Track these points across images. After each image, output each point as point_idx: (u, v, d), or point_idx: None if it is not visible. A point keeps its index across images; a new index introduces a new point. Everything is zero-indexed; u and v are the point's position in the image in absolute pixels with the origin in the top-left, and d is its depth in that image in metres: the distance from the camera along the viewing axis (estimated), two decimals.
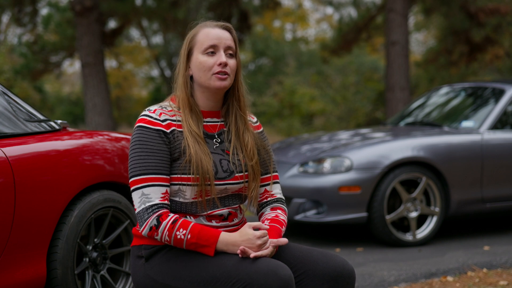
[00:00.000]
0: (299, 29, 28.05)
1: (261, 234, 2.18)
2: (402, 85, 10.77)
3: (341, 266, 2.27)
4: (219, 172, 2.31)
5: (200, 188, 2.27)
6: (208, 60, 2.31)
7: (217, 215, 2.33)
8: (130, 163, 2.27)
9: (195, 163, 2.26)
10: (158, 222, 2.22)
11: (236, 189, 2.36)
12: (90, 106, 11.29)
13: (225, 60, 2.31)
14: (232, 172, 2.34)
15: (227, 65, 2.32)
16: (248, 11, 13.75)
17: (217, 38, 2.33)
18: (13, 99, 3.39)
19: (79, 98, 21.41)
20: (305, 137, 6.75)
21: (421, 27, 21.32)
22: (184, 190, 2.28)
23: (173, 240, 2.22)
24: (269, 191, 2.47)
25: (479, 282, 4.21)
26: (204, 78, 2.32)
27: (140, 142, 2.27)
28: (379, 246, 5.49)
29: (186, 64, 2.36)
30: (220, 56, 2.31)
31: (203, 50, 2.32)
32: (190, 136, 2.29)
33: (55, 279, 3.18)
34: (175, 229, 2.21)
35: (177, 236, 2.21)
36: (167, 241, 2.24)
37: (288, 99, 19.89)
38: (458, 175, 5.58)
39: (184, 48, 2.37)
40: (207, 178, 2.27)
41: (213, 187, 2.29)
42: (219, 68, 2.31)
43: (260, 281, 2.09)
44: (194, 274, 2.21)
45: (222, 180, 2.31)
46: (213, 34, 2.33)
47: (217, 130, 2.39)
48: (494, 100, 6.07)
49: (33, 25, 14.95)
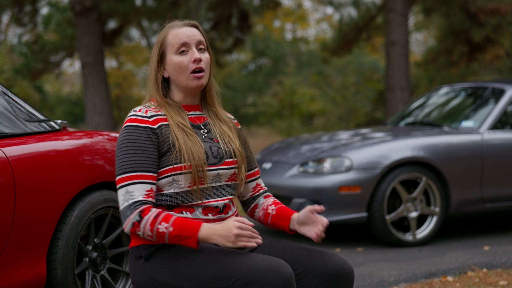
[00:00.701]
0: (299, 29, 28.05)
1: (240, 225, 2.17)
2: (402, 85, 10.77)
3: (340, 265, 2.28)
4: (209, 158, 2.34)
5: (193, 175, 2.29)
6: (183, 60, 2.37)
7: (212, 206, 2.34)
8: (117, 161, 2.29)
9: (186, 152, 2.29)
10: (140, 218, 2.22)
11: (228, 175, 2.38)
12: (90, 106, 11.29)
13: (199, 56, 2.36)
14: (222, 158, 2.37)
15: (201, 61, 2.37)
16: (248, 11, 13.74)
17: (186, 36, 2.38)
18: (13, 99, 3.39)
19: (79, 98, 21.40)
20: (305, 137, 6.75)
21: (421, 27, 21.32)
22: (178, 180, 2.30)
23: (155, 234, 2.21)
24: (259, 184, 2.57)
25: (479, 282, 4.21)
26: (182, 78, 2.38)
27: (127, 140, 2.29)
28: (379, 246, 5.49)
29: (158, 67, 2.41)
30: (194, 53, 2.37)
31: (175, 50, 2.38)
32: (177, 129, 2.32)
33: (55, 279, 3.18)
34: (157, 223, 2.21)
35: (159, 230, 2.21)
36: (149, 236, 2.23)
37: (288, 99, 19.87)
38: (458, 175, 5.58)
39: (155, 51, 2.43)
40: (199, 165, 2.29)
41: (205, 173, 2.31)
42: (195, 64, 2.36)
43: (261, 279, 2.09)
44: (195, 273, 2.21)
45: (213, 166, 2.34)
46: (182, 33, 2.39)
47: (202, 121, 2.44)
48: (494, 100, 6.07)
49: (33, 25, 14.95)
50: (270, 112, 20.10)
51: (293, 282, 2.13)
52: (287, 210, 2.45)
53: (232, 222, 2.19)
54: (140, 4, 13.80)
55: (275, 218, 2.45)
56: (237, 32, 13.70)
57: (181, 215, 2.31)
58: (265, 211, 2.49)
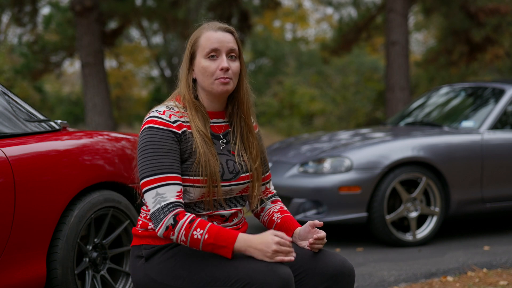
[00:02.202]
0: (299, 29, 28.04)
1: (279, 240, 2.14)
2: (402, 85, 10.77)
3: (341, 264, 2.27)
4: (225, 174, 2.31)
5: (207, 189, 2.27)
6: (210, 65, 2.31)
7: (218, 215, 2.33)
8: (142, 163, 2.23)
9: (204, 164, 2.25)
10: (175, 221, 2.18)
11: (240, 189, 2.37)
12: (90, 106, 11.28)
13: (226, 65, 2.30)
14: (237, 173, 2.35)
15: (229, 70, 2.31)
16: (248, 11, 13.74)
17: (219, 42, 2.32)
18: (13, 99, 3.39)
19: (79, 98, 21.39)
20: (305, 137, 6.75)
21: (421, 27, 21.32)
22: (190, 192, 2.28)
23: (190, 240, 2.17)
24: (269, 188, 2.54)
25: (479, 282, 4.21)
26: (207, 82, 2.32)
27: (152, 143, 2.23)
28: (379, 246, 5.49)
29: (189, 67, 2.37)
30: (222, 61, 2.31)
31: (205, 54, 2.32)
32: (198, 136, 2.28)
33: (55, 279, 3.18)
34: (192, 229, 2.17)
35: (194, 236, 2.17)
36: (183, 241, 2.19)
37: (288, 99, 19.87)
38: (458, 175, 5.58)
39: (187, 50, 2.37)
40: (214, 180, 2.27)
41: (220, 189, 2.28)
42: (221, 73, 2.30)
43: (260, 280, 2.09)
44: (193, 274, 2.20)
45: (228, 182, 2.32)
46: (215, 37, 2.33)
47: (222, 131, 2.39)
48: (494, 100, 6.07)
49: (33, 25, 14.94)
50: (270, 112, 20.10)
51: (292, 283, 2.13)
52: (292, 222, 2.43)
53: (271, 237, 2.15)
54: (140, 4, 13.80)
55: (278, 227, 2.44)
56: (238, 32, 13.68)
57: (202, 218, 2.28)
58: (270, 217, 2.48)
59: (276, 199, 2.55)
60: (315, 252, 2.31)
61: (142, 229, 2.35)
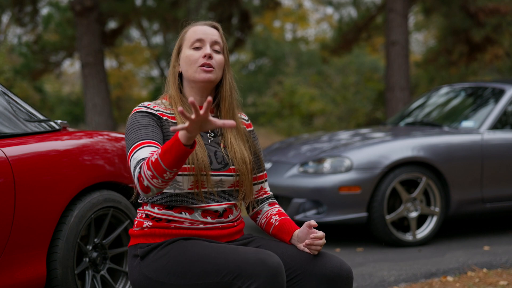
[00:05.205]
0: (299, 29, 28.05)
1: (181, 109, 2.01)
2: (402, 85, 10.77)
3: (339, 266, 2.27)
4: (213, 163, 2.34)
5: (195, 178, 2.29)
6: (194, 54, 2.39)
7: (212, 210, 2.34)
8: (126, 143, 2.30)
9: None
10: (140, 169, 2.18)
11: (231, 182, 2.37)
12: (90, 106, 11.29)
13: (209, 52, 2.37)
14: (226, 164, 2.36)
15: (211, 58, 2.38)
16: (249, 11, 13.74)
17: (203, 33, 2.41)
18: (13, 99, 3.39)
19: (79, 98, 21.40)
20: (305, 137, 6.75)
21: (421, 27, 21.32)
22: (179, 181, 2.29)
23: (153, 168, 2.12)
24: (264, 188, 2.54)
25: (479, 282, 4.21)
26: (190, 71, 2.38)
27: (133, 123, 2.32)
28: (379, 246, 5.49)
29: (175, 61, 2.45)
30: (206, 49, 2.38)
31: (190, 45, 2.41)
32: None
33: (55, 279, 3.18)
34: (150, 159, 2.15)
35: (152, 161, 2.12)
36: (151, 176, 2.13)
37: (288, 99, 19.86)
38: (458, 175, 5.58)
39: (175, 46, 2.47)
40: (203, 169, 2.29)
41: (209, 178, 2.30)
42: (204, 60, 2.37)
43: (249, 271, 2.10)
44: (186, 270, 2.21)
45: (217, 171, 2.33)
46: (200, 30, 2.42)
47: None
48: (494, 100, 6.07)
49: (33, 25, 14.95)
50: (270, 112, 20.10)
51: (282, 272, 2.13)
52: (290, 224, 2.43)
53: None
54: (140, 4, 13.80)
55: (277, 229, 2.44)
56: (238, 32, 13.69)
57: (180, 215, 2.31)
58: (267, 220, 2.48)
59: (273, 201, 2.55)
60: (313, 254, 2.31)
61: (138, 228, 2.37)
